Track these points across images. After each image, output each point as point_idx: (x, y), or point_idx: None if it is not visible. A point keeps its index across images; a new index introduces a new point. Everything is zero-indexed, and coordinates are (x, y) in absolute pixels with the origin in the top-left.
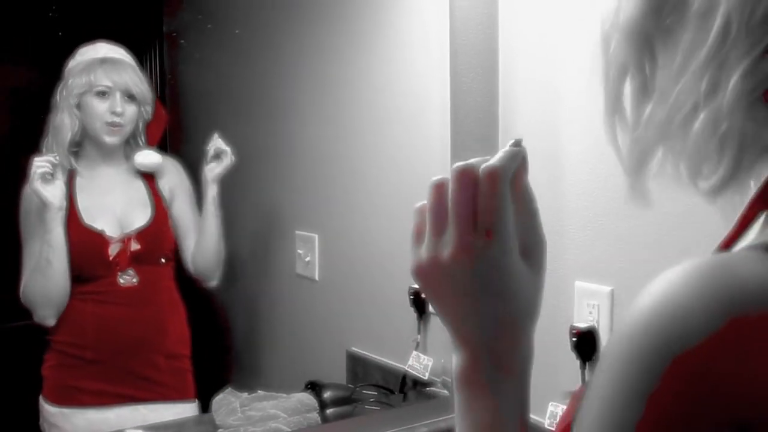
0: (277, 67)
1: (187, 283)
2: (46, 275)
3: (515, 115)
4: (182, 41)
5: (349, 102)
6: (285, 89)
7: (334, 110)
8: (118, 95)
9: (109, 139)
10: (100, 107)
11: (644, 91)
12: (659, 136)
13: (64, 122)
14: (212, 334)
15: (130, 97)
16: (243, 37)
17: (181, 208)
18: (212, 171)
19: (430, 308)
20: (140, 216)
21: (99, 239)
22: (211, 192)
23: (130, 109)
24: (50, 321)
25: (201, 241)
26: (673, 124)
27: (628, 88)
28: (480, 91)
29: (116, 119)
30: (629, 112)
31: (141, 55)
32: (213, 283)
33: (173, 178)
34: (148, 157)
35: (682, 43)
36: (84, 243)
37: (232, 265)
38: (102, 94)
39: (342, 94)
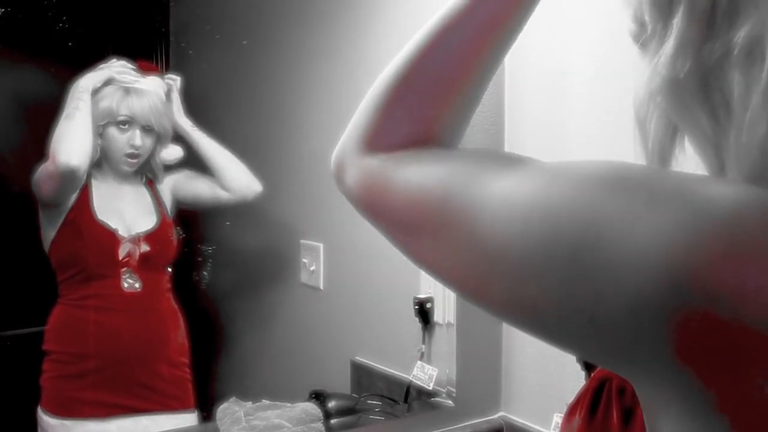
0: (285, 76)
1: (189, 292)
2: (73, 118)
3: (522, 108)
4: (190, 51)
5: (355, 111)
6: (292, 99)
7: (341, 119)
8: (137, 128)
9: (127, 169)
10: (120, 139)
11: (705, 138)
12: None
13: None
14: (217, 343)
15: (150, 130)
16: (251, 48)
17: (188, 181)
18: (171, 104)
19: (435, 318)
20: (147, 221)
21: (110, 237)
22: (186, 123)
23: (148, 141)
24: (74, 160)
25: (215, 165)
26: (751, 156)
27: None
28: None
29: (135, 151)
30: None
31: None
32: (257, 189)
33: (170, 177)
34: (171, 153)
35: (736, 86)
36: (95, 238)
37: (236, 274)
38: (123, 124)
39: (349, 102)
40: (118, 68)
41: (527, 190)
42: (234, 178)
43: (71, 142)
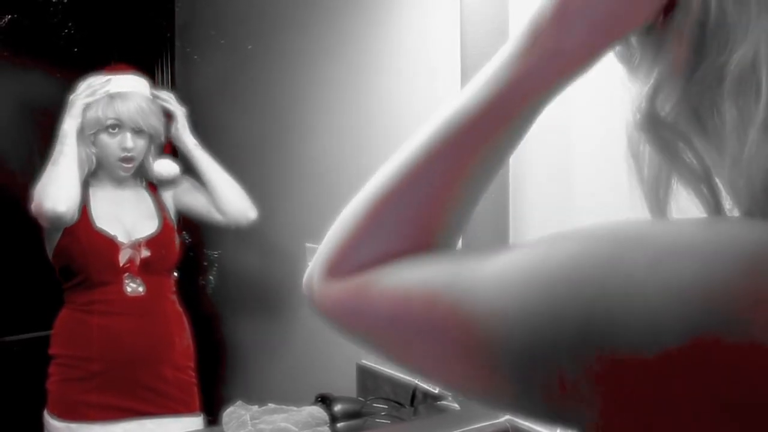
0: (290, 80)
1: (195, 296)
2: (58, 163)
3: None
4: (195, 56)
5: (360, 114)
6: (297, 103)
7: (346, 122)
8: (127, 131)
9: (123, 173)
10: (111, 144)
11: (695, 176)
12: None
13: (80, 158)
14: (222, 347)
15: (140, 131)
16: (256, 52)
17: (187, 192)
18: (176, 129)
19: None
20: (148, 226)
21: (110, 244)
22: (189, 141)
23: (140, 143)
24: (61, 206)
25: (213, 188)
26: (754, 189)
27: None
28: None
29: (127, 154)
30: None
31: (153, 71)
32: (252, 216)
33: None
34: (167, 168)
35: (728, 117)
36: (94, 246)
37: (242, 277)
38: (113, 128)
39: (354, 106)
40: (87, 92)
41: (521, 271)
42: (230, 203)
43: (57, 188)
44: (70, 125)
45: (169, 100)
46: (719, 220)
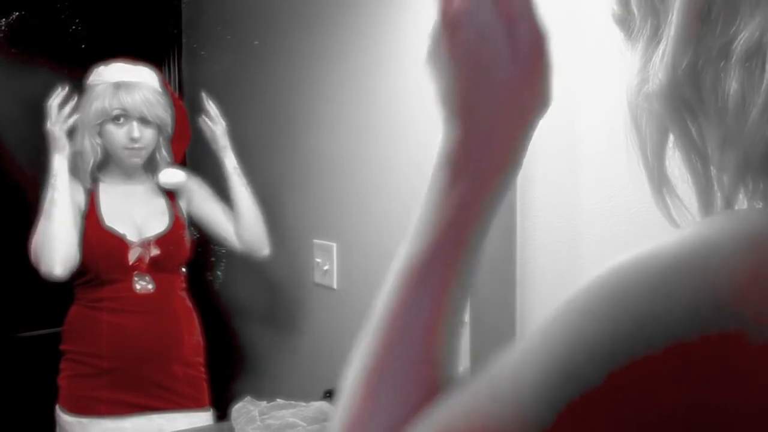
0: (297, 76)
1: (203, 292)
2: (51, 216)
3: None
4: (202, 53)
5: (367, 110)
6: (304, 99)
7: (353, 118)
8: (134, 121)
9: (132, 161)
10: (118, 133)
11: (695, 150)
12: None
13: (86, 149)
14: (231, 343)
15: (146, 121)
16: (262, 48)
17: (204, 203)
18: (217, 143)
19: None
20: (158, 224)
21: (119, 242)
22: (230, 162)
23: (148, 133)
24: (57, 270)
25: (239, 215)
26: (750, 166)
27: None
28: None
29: (134, 144)
30: (692, 176)
31: (160, 68)
32: (265, 252)
33: (188, 187)
34: (172, 176)
35: (732, 93)
36: (104, 244)
37: (250, 274)
38: (118, 118)
39: (361, 102)
40: (60, 119)
41: (530, 371)
42: (252, 234)
43: (50, 251)
44: (60, 162)
45: (214, 116)
46: (703, 233)
